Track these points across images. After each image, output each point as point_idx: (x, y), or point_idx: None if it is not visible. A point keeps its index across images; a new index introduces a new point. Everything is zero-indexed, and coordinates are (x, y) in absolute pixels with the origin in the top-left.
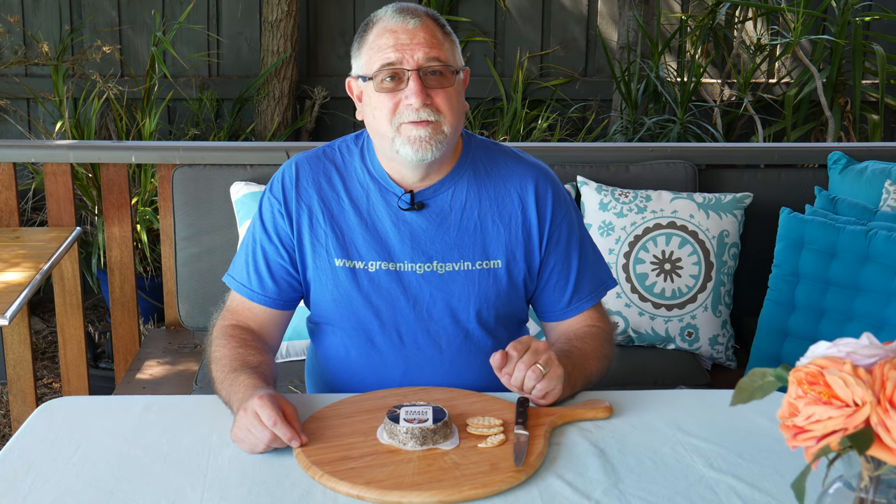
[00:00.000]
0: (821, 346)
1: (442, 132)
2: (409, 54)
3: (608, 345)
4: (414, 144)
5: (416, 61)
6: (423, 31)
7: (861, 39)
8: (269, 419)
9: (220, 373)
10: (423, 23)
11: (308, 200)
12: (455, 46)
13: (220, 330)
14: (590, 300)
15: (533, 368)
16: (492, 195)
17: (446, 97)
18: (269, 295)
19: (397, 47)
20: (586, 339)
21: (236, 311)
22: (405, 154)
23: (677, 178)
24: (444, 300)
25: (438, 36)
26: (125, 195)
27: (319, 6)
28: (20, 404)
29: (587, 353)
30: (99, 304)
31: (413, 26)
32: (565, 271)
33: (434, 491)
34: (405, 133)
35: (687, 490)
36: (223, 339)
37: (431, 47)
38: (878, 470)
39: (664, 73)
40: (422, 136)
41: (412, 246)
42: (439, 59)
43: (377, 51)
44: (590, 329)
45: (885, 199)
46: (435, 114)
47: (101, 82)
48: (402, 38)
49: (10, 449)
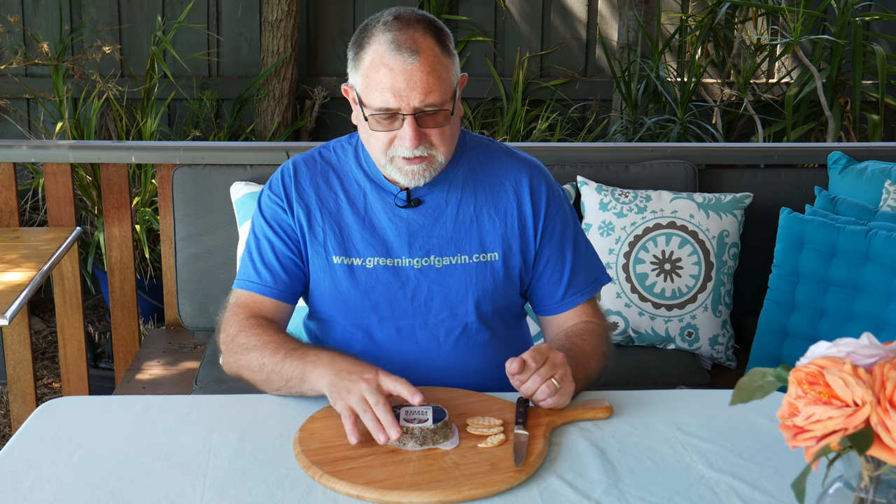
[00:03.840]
0: (821, 346)
1: (436, 162)
2: (405, 101)
3: (605, 342)
4: (406, 176)
5: (411, 107)
6: (420, 72)
7: (861, 39)
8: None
9: (269, 358)
10: (422, 59)
11: (307, 200)
12: (453, 65)
13: (241, 323)
14: (585, 294)
15: (548, 383)
16: (487, 190)
17: (440, 134)
18: (281, 287)
19: (394, 92)
20: (585, 337)
21: (248, 305)
22: (398, 179)
23: (677, 178)
24: (442, 294)
25: (437, 68)
26: (125, 195)
27: (319, 6)
28: (20, 404)
29: (587, 351)
30: (99, 304)
31: (411, 66)
32: (560, 264)
33: (434, 491)
34: (397, 165)
35: (687, 490)
36: (254, 330)
37: (428, 92)
38: (878, 470)
39: (664, 72)
40: (415, 171)
41: (409, 241)
42: (434, 104)
43: (374, 87)
44: (587, 325)
45: (885, 199)
46: (429, 149)
47: (101, 82)
48: (399, 83)
49: (10, 449)
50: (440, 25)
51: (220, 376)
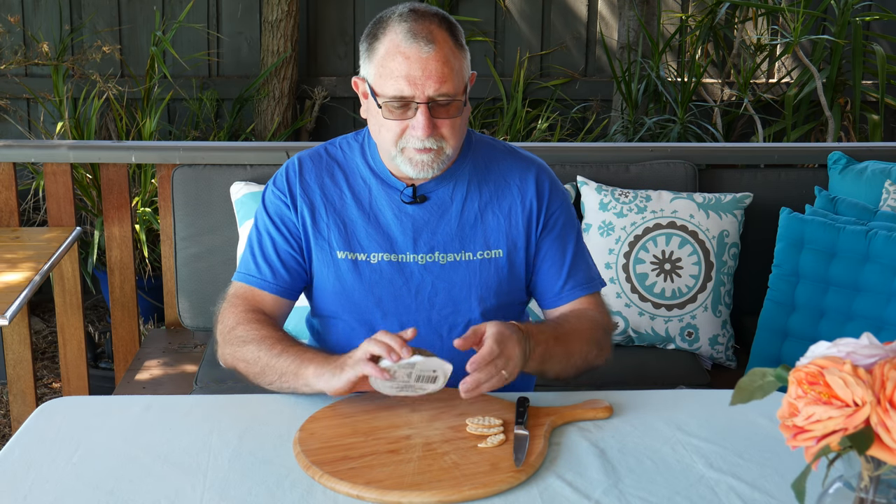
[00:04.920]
0: (821, 346)
1: (444, 154)
2: (420, 89)
3: (602, 332)
4: (416, 167)
5: (426, 96)
6: (435, 61)
7: (861, 39)
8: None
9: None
10: (438, 49)
11: (311, 195)
12: (465, 59)
13: (239, 316)
14: (585, 288)
15: (498, 377)
16: (492, 188)
17: (451, 126)
18: (280, 283)
19: (409, 80)
20: (581, 319)
21: (246, 298)
22: (406, 171)
23: (677, 178)
24: (446, 290)
25: (451, 60)
26: (125, 195)
27: (319, 6)
28: (20, 404)
29: (577, 330)
30: (99, 304)
31: (427, 54)
32: (560, 256)
33: (434, 491)
34: (408, 155)
35: (687, 490)
36: (252, 324)
37: (442, 81)
38: (878, 470)
39: (664, 72)
40: (424, 161)
41: (414, 237)
42: (448, 94)
43: (389, 76)
44: (586, 311)
45: (885, 199)
46: (439, 141)
47: (101, 82)
48: (415, 71)
49: (10, 449)
50: (453, 21)
51: (220, 376)
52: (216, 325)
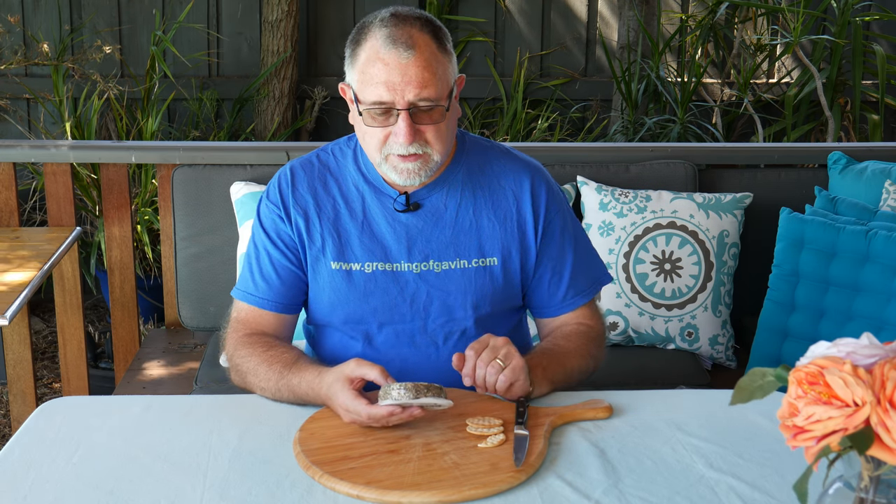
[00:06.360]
0: (821, 346)
1: (432, 161)
2: (399, 95)
3: (594, 344)
4: (402, 174)
5: (406, 101)
6: (415, 66)
7: (861, 39)
8: (358, 412)
9: (267, 381)
10: (417, 54)
11: (304, 205)
12: (450, 63)
13: (237, 341)
14: (585, 295)
15: (492, 364)
16: (486, 193)
17: (436, 131)
18: (280, 300)
19: (389, 86)
20: (571, 338)
21: (247, 322)
22: (393, 179)
23: (677, 178)
24: (441, 298)
25: (433, 64)
26: (125, 195)
27: (319, 6)
28: (20, 404)
29: (570, 350)
30: (99, 304)
31: (406, 60)
32: (560, 266)
33: (434, 491)
34: (392, 163)
35: (687, 490)
36: (247, 349)
37: (423, 87)
38: (878, 470)
39: (664, 72)
40: (410, 169)
41: (408, 245)
42: (430, 99)
43: (369, 82)
44: (578, 327)
45: (885, 199)
46: (423, 146)
47: (102, 82)
48: (394, 77)
49: (10, 449)
50: (438, 24)
51: (220, 376)
52: (222, 350)
